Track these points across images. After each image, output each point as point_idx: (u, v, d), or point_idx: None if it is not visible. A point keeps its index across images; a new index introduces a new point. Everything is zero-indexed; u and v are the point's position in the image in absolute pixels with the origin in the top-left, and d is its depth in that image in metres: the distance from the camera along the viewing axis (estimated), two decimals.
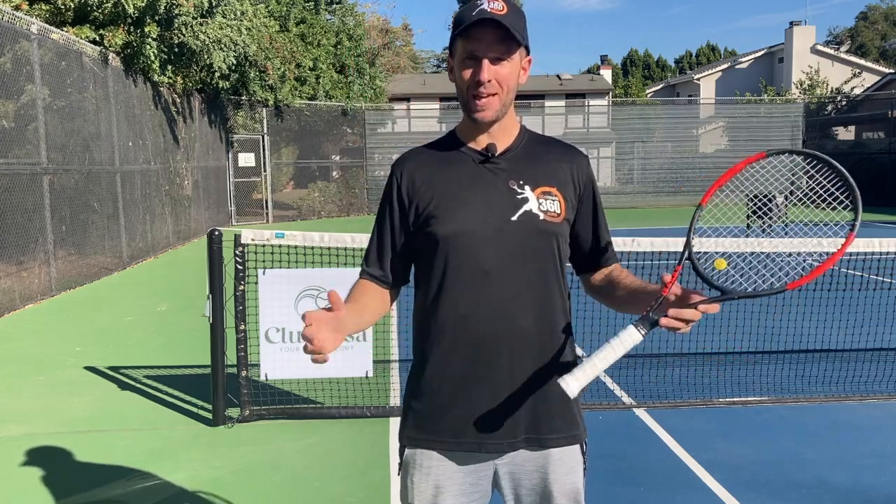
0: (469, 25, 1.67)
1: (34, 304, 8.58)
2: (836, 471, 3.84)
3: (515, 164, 1.79)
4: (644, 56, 58.50)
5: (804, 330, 6.11)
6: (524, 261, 1.75)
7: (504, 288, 1.74)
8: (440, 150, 1.85)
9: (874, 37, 51.43)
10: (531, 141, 1.85)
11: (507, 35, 1.67)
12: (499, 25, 1.66)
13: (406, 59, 35.74)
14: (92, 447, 4.30)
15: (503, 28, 1.66)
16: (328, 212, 21.70)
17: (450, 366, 1.77)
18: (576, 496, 1.83)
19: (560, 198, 1.79)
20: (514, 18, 1.68)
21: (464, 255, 1.74)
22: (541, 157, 1.83)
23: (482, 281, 1.74)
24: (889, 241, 4.80)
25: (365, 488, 3.72)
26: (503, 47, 1.69)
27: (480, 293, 1.73)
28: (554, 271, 1.79)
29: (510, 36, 1.67)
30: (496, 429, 1.75)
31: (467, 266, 1.74)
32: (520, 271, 1.75)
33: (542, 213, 1.76)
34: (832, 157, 1.72)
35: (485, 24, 1.66)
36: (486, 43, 1.68)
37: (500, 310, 1.74)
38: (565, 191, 1.81)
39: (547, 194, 1.78)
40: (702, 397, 4.99)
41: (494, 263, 1.73)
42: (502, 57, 1.70)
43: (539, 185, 1.78)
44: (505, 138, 1.81)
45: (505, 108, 1.76)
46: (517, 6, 1.73)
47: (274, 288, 4.58)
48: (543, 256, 1.77)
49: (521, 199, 1.76)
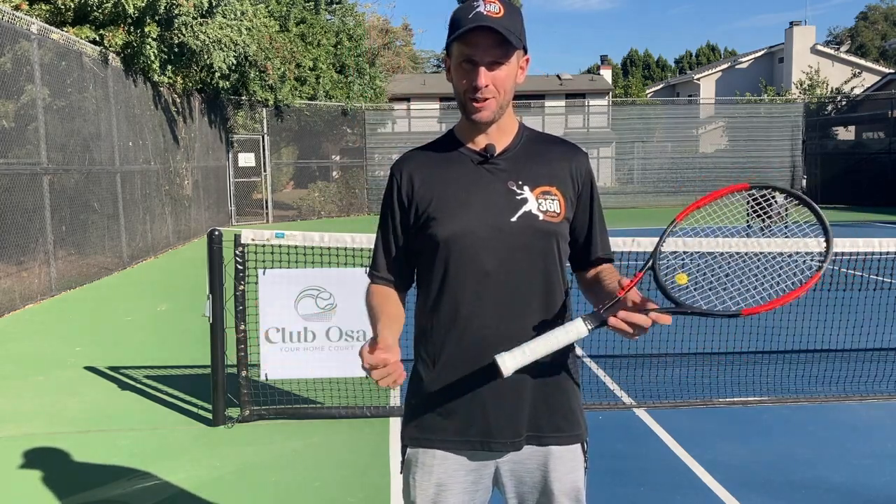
0: (466, 31, 1.65)
1: (34, 304, 8.59)
2: (836, 471, 3.84)
3: (514, 164, 1.79)
4: (644, 56, 58.49)
5: (804, 330, 6.11)
6: (524, 261, 1.76)
7: (505, 288, 1.75)
8: (439, 151, 1.85)
9: (874, 37, 51.43)
10: (530, 140, 1.85)
11: (504, 40, 1.66)
12: (495, 33, 1.65)
13: (406, 59, 35.76)
14: (92, 447, 4.30)
15: (501, 36, 1.65)
16: (328, 212, 21.72)
17: (453, 366, 1.77)
18: (577, 494, 1.83)
19: (560, 196, 1.79)
20: (511, 20, 1.67)
21: (464, 257, 1.75)
22: (540, 155, 1.83)
23: (483, 282, 1.75)
24: (889, 241, 4.80)
25: (365, 488, 3.72)
26: (500, 52, 1.68)
27: (482, 294, 1.74)
28: (554, 271, 1.80)
29: (507, 40, 1.66)
30: (500, 427, 1.76)
31: (468, 267, 1.75)
32: (520, 272, 1.76)
33: (542, 213, 1.76)
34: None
35: (483, 33, 1.65)
36: (482, 48, 1.67)
37: (502, 310, 1.74)
38: (565, 189, 1.81)
39: (546, 194, 1.78)
40: (702, 397, 4.99)
41: (495, 264, 1.74)
42: (499, 61, 1.69)
43: (538, 185, 1.78)
44: (503, 138, 1.81)
45: (503, 110, 1.76)
46: (514, 5, 1.71)
47: (274, 288, 4.58)
48: (543, 256, 1.78)
49: (521, 200, 1.76)
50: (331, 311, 4.63)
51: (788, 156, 24.23)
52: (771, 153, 24.31)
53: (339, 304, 4.61)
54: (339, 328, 4.64)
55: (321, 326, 4.63)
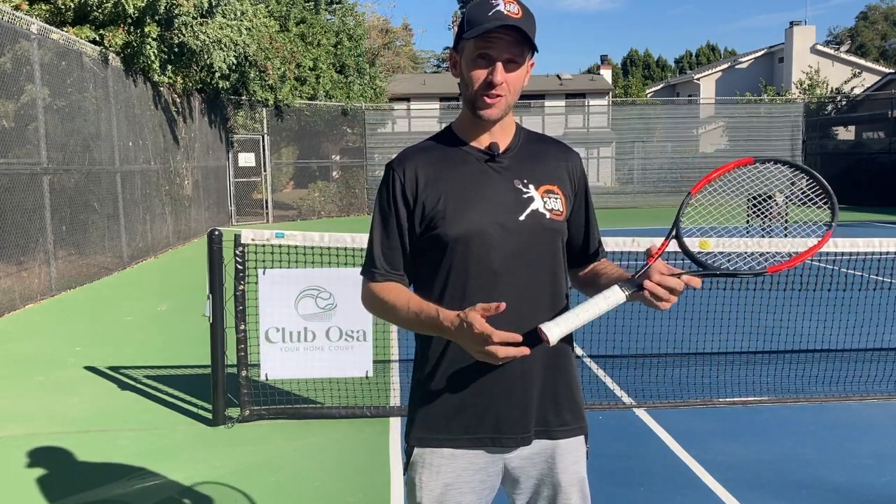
0: (487, 31, 1.66)
1: (34, 304, 8.59)
2: (836, 471, 3.84)
3: (518, 163, 1.80)
4: (644, 56, 58.41)
5: (804, 330, 6.11)
6: (532, 260, 1.77)
7: (513, 288, 1.74)
8: (440, 149, 1.83)
9: (874, 37, 51.43)
10: (528, 139, 1.86)
11: (523, 39, 1.68)
12: (518, 31, 1.66)
13: (406, 59, 35.76)
14: (92, 447, 4.30)
15: (521, 33, 1.66)
16: (328, 212, 21.70)
17: (461, 366, 1.75)
18: (581, 484, 1.86)
19: (562, 195, 1.82)
20: (529, 22, 1.69)
21: (473, 256, 1.74)
22: (540, 154, 1.85)
23: (492, 282, 1.74)
24: (889, 241, 4.80)
25: (364, 488, 3.72)
26: (517, 51, 1.70)
27: (491, 294, 1.71)
28: (559, 269, 1.82)
29: (525, 41, 1.68)
30: (511, 423, 1.77)
31: (477, 267, 1.74)
32: (528, 271, 1.76)
33: (548, 211, 1.78)
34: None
35: (505, 32, 1.66)
36: (502, 46, 1.68)
37: (511, 310, 1.65)
38: (564, 188, 1.83)
39: (550, 192, 1.80)
40: (702, 397, 4.99)
41: (503, 264, 1.74)
42: (516, 60, 1.71)
43: (542, 184, 1.80)
44: (505, 137, 1.81)
45: (509, 109, 1.77)
46: (529, 10, 1.72)
47: (274, 288, 4.58)
48: (549, 255, 1.79)
49: (528, 199, 1.77)
50: (331, 311, 4.63)
51: (789, 155, 24.18)
52: (771, 153, 24.26)
53: (339, 304, 4.61)
54: (339, 328, 4.64)
55: (321, 326, 4.63)
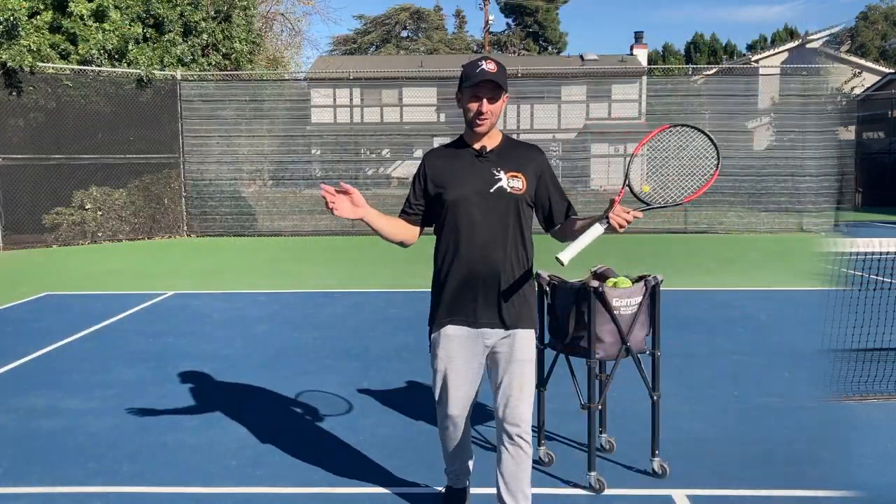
0: (477, 83, 2.81)
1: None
2: (836, 471, 3.83)
3: (497, 158, 2.95)
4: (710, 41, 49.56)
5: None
6: (498, 216, 2.90)
7: (485, 232, 2.89)
8: (453, 149, 3.03)
9: (874, 37, 51.39)
10: (507, 144, 3.01)
11: (498, 87, 2.84)
12: (494, 82, 2.82)
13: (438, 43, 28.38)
14: None
15: (496, 84, 2.83)
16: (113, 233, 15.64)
17: (455, 280, 2.93)
18: (530, 357, 2.96)
19: (523, 178, 2.94)
20: (502, 75, 2.83)
21: (461, 212, 2.90)
22: (512, 154, 2.99)
23: (472, 228, 2.89)
24: (889, 241, 4.80)
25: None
26: (496, 93, 2.86)
27: (472, 235, 2.89)
28: (517, 223, 2.92)
29: (500, 87, 2.85)
30: (483, 314, 2.94)
31: (463, 219, 2.90)
32: (495, 222, 2.90)
33: (510, 187, 2.91)
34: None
35: (486, 83, 2.82)
36: (485, 90, 2.84)
37: (483, 246, 2.89)
38: (527, 174, 2.96)
39: (514, 177, 2.93)
40: None
41: (479, 217, 2.89)
42: (495, 98, 2.87)
43: (510, 171, 2.94)
44: (492, 142, 2.98)
45: (493, 125, 2.92)
46: (502, 65, 2.86)
47: None
48: (509, 213, 2.91)
49: (497, 179, 2.92)
50: None
51: None
52: None
53: None
54: None
55: None
